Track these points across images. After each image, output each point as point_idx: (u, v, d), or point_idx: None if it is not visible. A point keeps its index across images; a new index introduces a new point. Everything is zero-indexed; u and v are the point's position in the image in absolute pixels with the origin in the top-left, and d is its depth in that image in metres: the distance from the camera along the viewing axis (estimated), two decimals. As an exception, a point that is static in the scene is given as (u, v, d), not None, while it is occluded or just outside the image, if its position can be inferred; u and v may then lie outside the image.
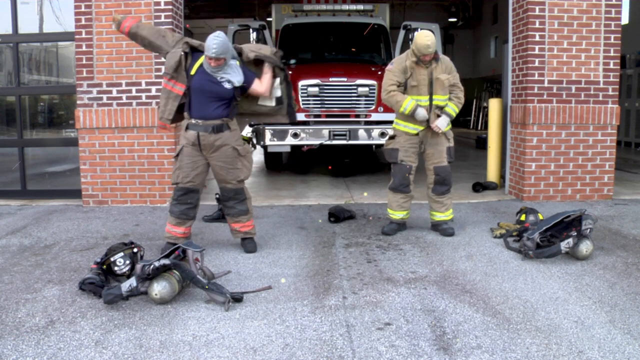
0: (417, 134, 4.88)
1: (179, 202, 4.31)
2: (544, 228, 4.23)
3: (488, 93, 21.14)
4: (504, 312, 3.24)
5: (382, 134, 7.83)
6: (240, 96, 4.26)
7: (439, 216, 5.04)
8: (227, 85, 4.12)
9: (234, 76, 4.13)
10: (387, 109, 8.10)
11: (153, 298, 3.36)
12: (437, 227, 5.06)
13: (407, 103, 4.74)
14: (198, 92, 4.13)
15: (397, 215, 5.06)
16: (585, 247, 4.16)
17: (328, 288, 3.67)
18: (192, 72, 4.12)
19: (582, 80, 6.32)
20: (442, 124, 4.79)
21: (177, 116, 4.28)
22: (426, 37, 4.59)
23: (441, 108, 4.83)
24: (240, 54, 4.27)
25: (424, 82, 4.77)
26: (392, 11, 11.85)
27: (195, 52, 4.19)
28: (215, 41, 3.92)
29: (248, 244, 4.51)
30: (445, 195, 5.01)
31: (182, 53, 4.13)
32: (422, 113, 4.74)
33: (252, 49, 4.31)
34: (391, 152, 4.97)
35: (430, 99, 4.79)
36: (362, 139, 7.92)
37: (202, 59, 4.11)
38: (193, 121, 4.17)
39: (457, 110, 4.89)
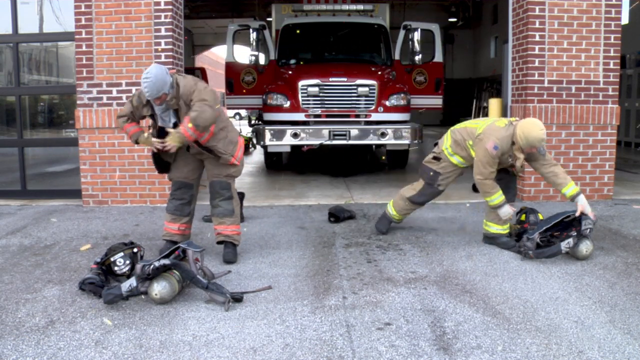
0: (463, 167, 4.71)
1: (174, 198, 4.33)
2: (544, 228, 4.23)
3: (488, 93, 21.13)
4: (504, 312, 3.24)
5: (382, 134, 7.83)
6: None
7: (496, 228, 4.56)
8: (170, 125, 4.01)
9: (169, 117, 4.01)
10: (387, 109, 8.12)
11: (153, 298, 3.36)
12: (495, 240, 4.58)
13: (497, 197, 4.39)
14: (165, 128, 4.03)
15: (398, 217, 5.05)
16: (585, 247, 4.16)
17: (328, 288, 3.67)
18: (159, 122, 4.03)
19: (582, 80, 6.32)
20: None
21: None
22: (541, 130, 4.19)
23: None
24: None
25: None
26: (392, 11, 11.84)
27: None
28: (146, 84, 3.71)
29: (228, 253, 4.23)
30: None
31: (142, 105, 4.03)
32: (507, 211, 4.40)
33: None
34: (430, 174, 4.72)
35: None
36: (362, 139, 7.92)
37: None
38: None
39: None
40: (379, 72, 8.61)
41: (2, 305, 3.42)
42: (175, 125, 3.99)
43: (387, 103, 8.08)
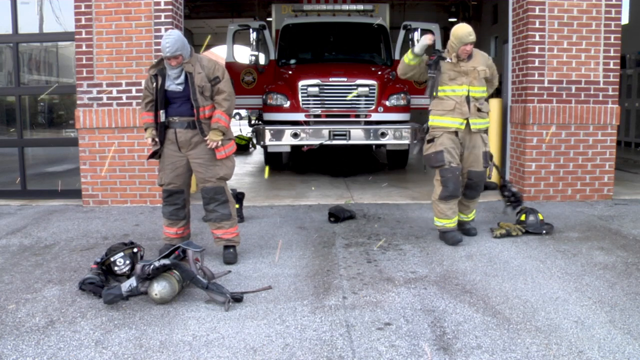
0: (456, 133, 4.62)
1: (167, 204, 4.30)
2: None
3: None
4: (504, 312, 3.24)
5: (382, 134, 7.84)
6: (202, 95, 4.08)
7: (463, 217, 4.94)
8: (179, 87, 4.07)
9: (177, 80, 4.06)
10: (387, 109, 8.12)
11: (153, 298, 3.36)
12: (460, 227, 4.92)
13: (407, 52, 4.67)
14: (170, 96, 4.10)
15: (454, 222, 4.72)
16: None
17: (328, 288, 3.67)
18: (167, 87, 4.08)
19: (582, 80, 6.32)
20: None
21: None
22: (465, 26, 4.45)
23: (478, 99, 4.65)
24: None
25: (464, 73, 4.58)
26: (392, 11, 11.84)
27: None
28: (168, 40, 3.88)
29: (228, 254, 4.24)
30: (475, 200, 4.90)
31: (150, 78, 4.14)
32: (422, 40, 4.55)
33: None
34: (437, 156, 4.58)
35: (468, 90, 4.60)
36: (362, 139, 7.92)
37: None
38: (170, 119, 4.12)
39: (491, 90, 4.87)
40: (379, 72, 8.61)
41: (2, 305, 3.42)
42: (184, 92, 4.06)
43: (387, 103, 8.09)
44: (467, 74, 4.59)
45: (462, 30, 4.46)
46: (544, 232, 4.91)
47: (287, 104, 8.14)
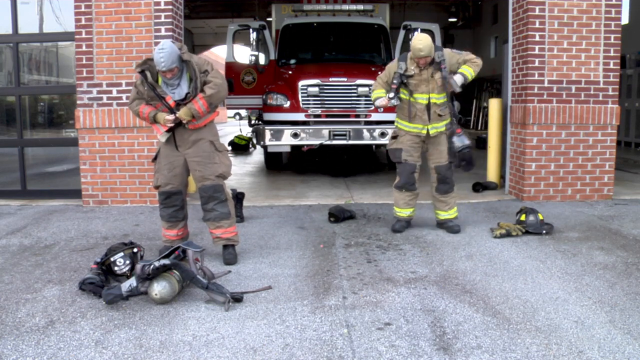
0: (418, 136, 4.98)
1: (165, 206, 4.27)
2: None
3: (488, 93, 21.11)
4: (504, 312, 3.24)
5: (382, 134, 7.84)
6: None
7: (443, 215, 5.14)
8: (176, 97, 4.05)
9: (178, 90, 4.05)
10: (387, 109, 8.10)
11: (153, 298, 3.36)
12: (443, 225, 5.15)
13: (374, 93, 5.04)
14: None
15: (405, 212, 5.13)
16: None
17: (328, 288, 3.67)
18: (159, 88, 4.08)
19: (582, 80, 6.32)
20: (457, 79, 4.78)
21: None
22: (419, 41, 4.64)
23: (439, 106, 4.91)
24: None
25: (425, 81, 4.86)
26: (392, 11, 11.85)
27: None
28: (161, 54, 3.82)
29: (228, 254, 4.23)
30: (449, 194, 5.09)
31: (139, 81, 4.12)
32: (378, 102, 4.97)
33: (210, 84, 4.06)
34: (395, 152, 5.07)
35: (429, 98, 4.89)
36: (362, 139, 7.93)
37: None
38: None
39: (473, 73, 4.81)
40: (379, 72, 8.59)
41: (2, 305, 3.42)
42: (186, 96, 4.03)
43: (387, 103, 8.08)
44: (428, 82, 4.84)
45: (414, 44, 4.66)
46: (544, 232, 4.91)
47: (287, 104, 8.14)
